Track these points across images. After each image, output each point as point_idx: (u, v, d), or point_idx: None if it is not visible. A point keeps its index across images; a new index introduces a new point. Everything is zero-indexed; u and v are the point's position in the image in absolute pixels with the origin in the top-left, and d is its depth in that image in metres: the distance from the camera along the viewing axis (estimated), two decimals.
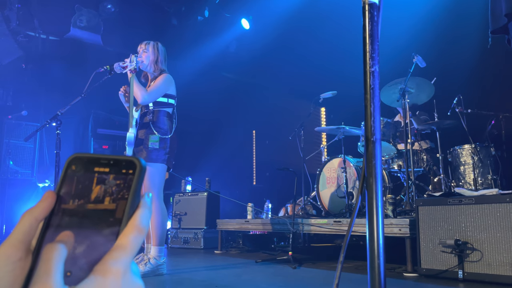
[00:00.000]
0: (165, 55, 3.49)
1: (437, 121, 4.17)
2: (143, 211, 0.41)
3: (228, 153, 7.52)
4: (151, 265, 3.14)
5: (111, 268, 0.37)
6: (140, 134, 3.28)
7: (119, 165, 0.42)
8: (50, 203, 0.41)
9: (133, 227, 0.39)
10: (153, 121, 3.28)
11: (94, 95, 4.77)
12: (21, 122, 5.76)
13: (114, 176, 0.42)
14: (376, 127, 0.77)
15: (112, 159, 0.43)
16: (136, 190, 0.41)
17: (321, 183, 4.97)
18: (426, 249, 3.01)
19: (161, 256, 3.22)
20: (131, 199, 0.40)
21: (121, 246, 0.38)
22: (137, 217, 0.40)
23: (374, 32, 0.79)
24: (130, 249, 0.38)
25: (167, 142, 3.32)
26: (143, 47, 3.40)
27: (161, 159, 3.26)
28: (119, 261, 0.37)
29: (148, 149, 3.21)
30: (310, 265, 3.78)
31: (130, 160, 0.42)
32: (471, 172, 4.05)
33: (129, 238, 0.38)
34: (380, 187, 0.77)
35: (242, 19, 6.99)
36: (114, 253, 0.37)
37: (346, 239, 0.83)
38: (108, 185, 0.41)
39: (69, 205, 0.41)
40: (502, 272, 2.60)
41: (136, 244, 0.39)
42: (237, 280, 3.06)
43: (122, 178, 0.41)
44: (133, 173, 0.42)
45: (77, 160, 0.43)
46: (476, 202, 2.79)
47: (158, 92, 3.30)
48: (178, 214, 5.79)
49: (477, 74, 4.95)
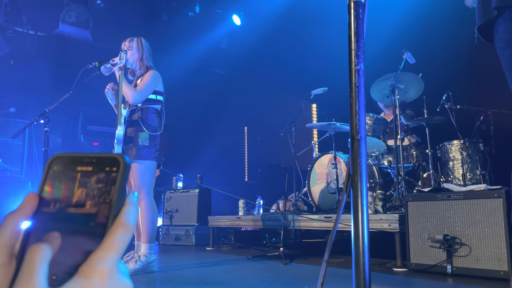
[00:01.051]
0: (149, 51, 3.44)
1: (427, 117, 4.20)
2: (130, 209, 0.40)
3: (220, 149, 7.51)
4: (141, 262, 3.12)
5: (97, 268, 0.36)
6: (130, 132, 3.25)
7: (102, 163, 0.41)
8: (32, 206, 0.40)
9: (120, 226, 0.39)
10: (142, 118, 3.26)
11: (84, 92, 4.73)
12: (9, 119, 5.69)
13: (96, 176, 0.41)
14: (361, 125, 0.77)
15: (94, 157, 0.42)
16: (121, 188, 0.40)
17: (312, 179, 4.99)
18: (415, 244, 3.04)
19: (152, 254, 3.21)
20: (117, 197, 0.40)
21: (107, 246, 0.37)
22: (123, 215, 0.39)
23: (359, 30, 0.79)
24: (117, 248, 0.37)
25: (157, 139, 3.30)
26: (127, 44, 3.36)
27: (151, 156, 3.25)
28: (104, 261, 0.36)
29: (138, 147, 3.19)
30: (301, 260, 3.80)
31: (113, 158, 0.42)
32: (460, 167, 4.09)
33: (115, 236, 0.38)
34: (365, 185, 0.77)
35: (233, 15, 6.96)
36: (99, 253, 0.37)
37: (331, 237, 0.83)
38: (90, 188, 0.41)
39: (51, 208, 0.41)
40: (489, 267, 2.64)
41: (123, 242, 0.38)
42: (228, 276, 3.06)
43: (105, 176, 0.41)
44: (117, 170, 0.41)
45: (59, 160, 0.42)
46: (464, 197, 2.82)
47: (148, 90, 3.27)
48: (170, 211, 5.78)
49: (466, 70, 4.99)
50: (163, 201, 6.00)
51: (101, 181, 0.41)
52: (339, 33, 3.30)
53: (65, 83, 3.98)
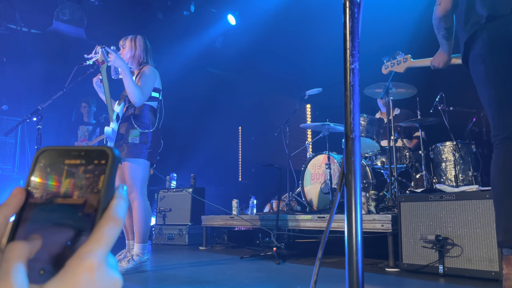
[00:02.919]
0: (146, 48, 3.36)
1: (420, 118, 4.23)
2: (119, 202, 0.40)
3: (214, 149, 7.50)
4: (134, 262, 3.10)
5: (84, 261, 0.35)
6: (121, 129, 3.20)
7: (90, 156, 0.41)
8: (19, 200, 0.40)
9: (108, 219, 0.38)
10: (134, 114, 3.19)
11: (77, 89, 4.70)
12: (1, 117, 5.65)
13: (84, 168, 0.41)
14: (356, 124, 0.78)
15: (83, 150, 0.42)
16: (109, 181, 0.40)
17: (305, 179, 5.00)
18: (408, 245, 3.05)
19: (145, 253, 3.18)
20: (105, 190, 0.39)
21: (95, 239, 0.37)
22: (112, 208, 0.39)
23: (354, 29, 0.79)
24: (105, 241, 0.37)
25: (148, 136, 3.20)
26: (121, 43, 3.34)
27: (143, 154, 3.16)
28: (93, 254, 0.36)
29: (128, 144, 3.12)
30: (294, 260, 3.80)
31: (101, 150, 0.41)
32: (453, 168, 4.12)
33: (104, 230, 0.37)
34: (359, 184, 0.78)
35: (228, 15, 6.96)
36: (87, 246, 0.36)
37: (324, 235, 0.84)
38: (78, 178, 0.40)
39: (39, 200, 0.40)
40: (481, 267, 2.66)
41: (112, 236, 0.38)
42: (221, 276, 3.06)
43: (93, 169, 0.40)
44: (105, 163, 0.40)
45: (47, 153, 0.42)
46: (456, 198, 2.84)
47: (149, 87, 3.19)
48: (163, 211, 5.76)
49: (459, 72, 5.01)
50: (157, 200, 5.98)
51: (89, 172, 0.40)
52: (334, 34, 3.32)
53: (58, 80, 3.95)
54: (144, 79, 3.19)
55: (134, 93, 3.07)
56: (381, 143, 4.59)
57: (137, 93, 3.08)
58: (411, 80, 4.26)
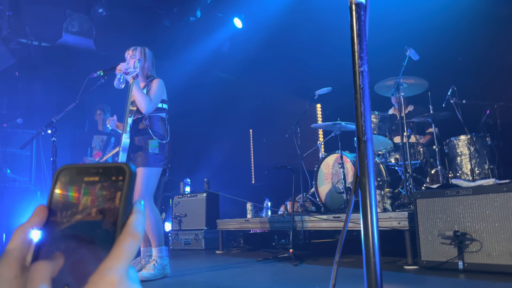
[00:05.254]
0: (152, 60, 3.47)
1: (433, 113, 4.18)
2: (137, 217, 0.41)
3: (226, 153, 7.52)
4: (159, 266, 3.16)
5: (106, 278, 0.36)
6: (137, 141, 3.26)
7: (108, 173, 0.42)
8: (41, 218, 0.41)
9: (128, 234, 0.39)
10: (150, 126, 3.29)
11: (89, 101, 4.76)
12: (16, 130, 5.74)
13: (102, 184, 0.42)
14: (367, 127, 0.77)
15: (101, 167, 0.43)
16: (127, 197, 0.41)
17: (319, 179, 4.98)
18: (426, 241, 3.02)
19: (164, 256, 3.24)
20: (124, 206, 0.40)
21: (115, 255, 0.38)
22: (131, 224, 0.40)
23: (361, 31, 0.79)
24: (125, 257, 0.38)
25: (166, 146, 3.34)
26: (131, 53, 3.37)
27: (160, 164, 3.28)
28: (114, 270, 0.37)
29: (149, 154, 3.22)
30: (311, 261, 3.79)
31: (119, 167, 0.42)
32: (468, 162, 4.06)
33: (123, 245, 0.38)
34: (373, 186, 0.78)
35: (235, 18, 6.98)
36: (108, 262, 0.37)
37: (341, 238, 0.84)
38: (96, 195, 0.41)
39: (59, 218, 0.41)
40: (502, 262, 2.62)
41: (132, 251, 0.39)
42: (239, 279, 3.07)
43: (111, 185, 0.41)
44: (123, 179, 0.41)
45: (66, 171, 0.43)
46: (473, 193, 2.80)
47: (158, 99, 3.31)
48: (178, 216, 5.79)
49: (471, 64, 4.96)
50: (172, 206, 6.01)
51: (106, 188, 0.41)
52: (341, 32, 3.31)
53: (71, 92, 4.01)
54: (155, 90, 3.29)
55: (143, 101, 3.17)
56: (394, 140, 4.55)
57: (146, 100, 3.18)
58: (422, 75, 4.23)
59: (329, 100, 6.31)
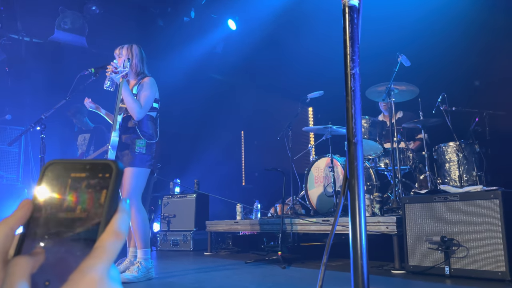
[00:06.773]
0: (142, 57, 3.39)
1: (423, 119, 4.22)
2: (121, 216, 0.40)
3: (217, 154, 7.50)
4: (143, 268, 3.10)
5: (86, 276, 0.36)
6: (125, 139, 3.22)
7: (95, 169, 0.42)
8: (26, 212, 0.41)
9: (111, 233, 0.39)
10: (138, 125, 3.24)
11: (80, 98, 4.72)
12: (5, 127, 5.67)
13: (88, 181, 0.41)
14: (358, 129, 0.78)
15: (88, 163, 0.42)
16: (113, 195, 0.40)
17: (309, 182, 5.00)
18: (413, 246, 3.04)
19: (148, 259, 3.18)
20: (108, 204, 0.40)
21: (97, 253, 0.37)
22: (115, 222, 0.39)
23: (354, 34, 0.79)
24: (108, 256, 0.37)
25: (153, 147, 3.29)
26: (117, 52, 3.34)
27: (147, 164, 3.23)
28: (95, 268, 0.36)
29: (135, 153, 3.17)
30: (300, 264, 3.79)
31: (106, 164, 0.42)
32: (456, 169, 4.10)
33: (106, 244, 0.38)
34: (362, 188, 0.78)
35: (229, 20, 6.98)
36: (89, 261, 0.37)
37: (329, 240, 0.84)
38: (82, 191, 0.41)
39: (44, 213, 0.41)
40: (487, 268, 2.65)
41: (114, 250, 0.38)
42: (227, 281, 3.06)
43: (98, 183, 0.41)
44: (109, 176, 0.41)
45: (53, 166, 0.43)
46: (461, 199, 2.83)
47: (150, 103, 3.26)
48: (167, 217, 5.76)
49: (461, 72, 5.02)
50: (161, 206, 5.97)
51: (92, 185, 0.41)
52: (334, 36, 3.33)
53: (61, 89, 3.97)
54: (146, 92, 3.24)
55: (134, 108, 3.14)
56: (384, 145, 4.59)
57: (137, 107, 3.15)
58: (413, 81, 4.27)
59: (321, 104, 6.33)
